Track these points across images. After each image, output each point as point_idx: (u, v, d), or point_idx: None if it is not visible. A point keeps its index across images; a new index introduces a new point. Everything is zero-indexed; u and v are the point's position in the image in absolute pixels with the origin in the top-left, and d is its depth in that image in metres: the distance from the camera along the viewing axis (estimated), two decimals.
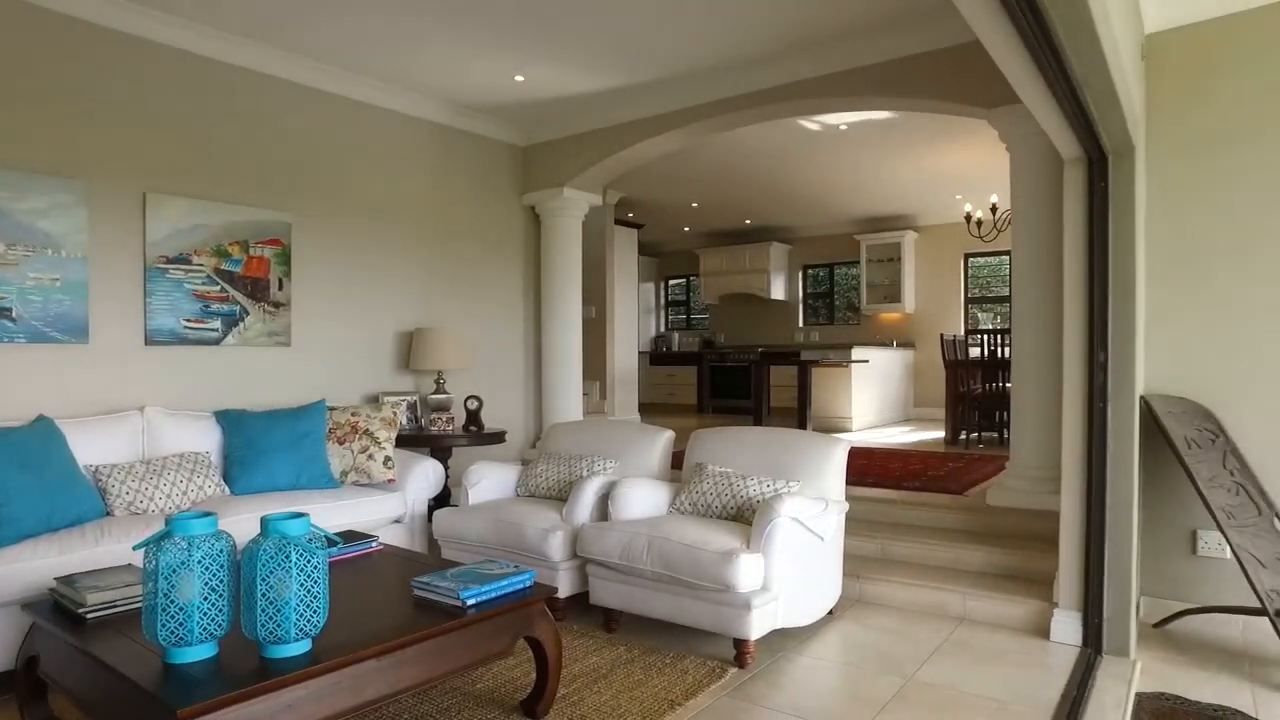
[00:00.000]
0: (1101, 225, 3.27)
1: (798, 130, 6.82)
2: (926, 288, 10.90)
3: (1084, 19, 1.96)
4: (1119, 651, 3.37)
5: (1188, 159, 3.85)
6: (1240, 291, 3.76)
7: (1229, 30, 3.77)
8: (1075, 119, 2.74)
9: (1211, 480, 3.56)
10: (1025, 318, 4.23)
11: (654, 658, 3.30)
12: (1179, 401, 3.79)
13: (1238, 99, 3.76)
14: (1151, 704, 2.98)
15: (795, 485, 3.63)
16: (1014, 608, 3.71)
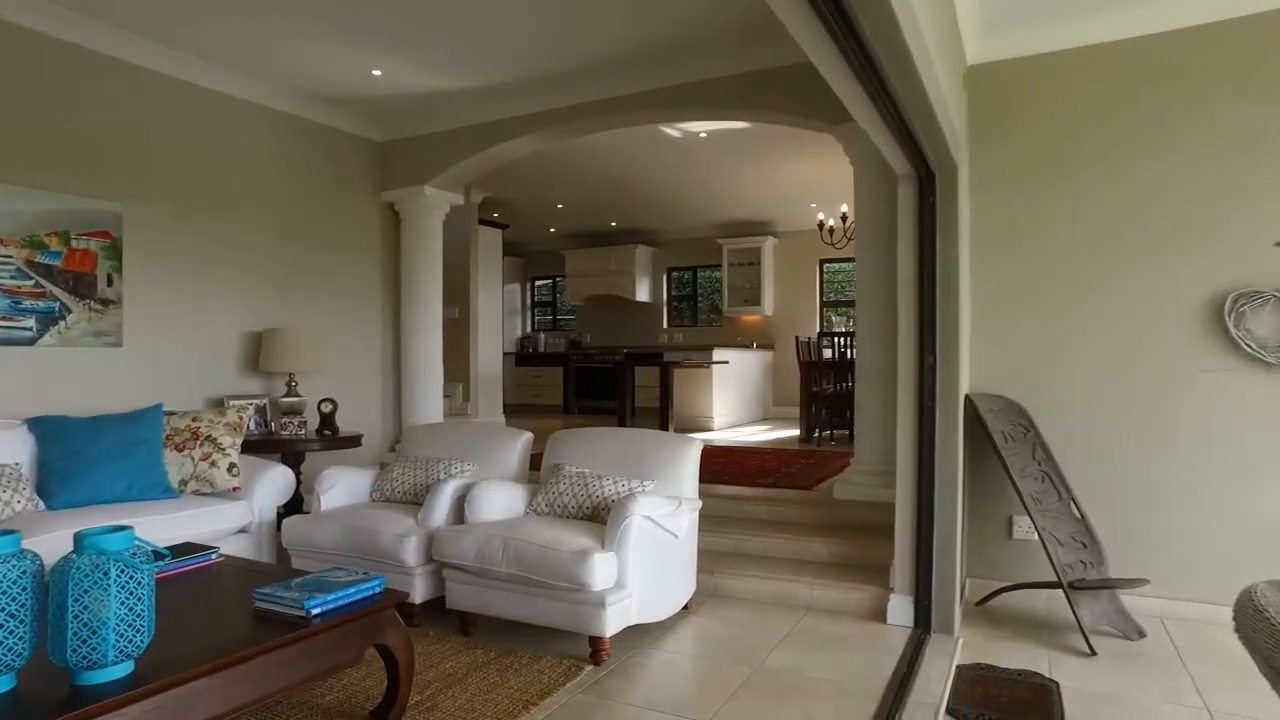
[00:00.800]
0: (930, 238, 3.55)
1: (660, 136, 6.97)
2: (785, 291, 11.39)
3: (902, 51, 2.13)
4: (945, 630, 3.65)
5: (1005, 180, 4.24)
6: (1049, 301, 4.17)
7: (1044, 65, 4.17)
8: (903, 139, 2.97)
9: (1023, 470, 3.93)
10: (867, 322, 4.52)
11: (511, 659, 3.30)
12: (998, 399, 4.15)
13: (1050, 127, 4.16)
14: (968, 674, 3.26)
15: (650, 484, 3.72)
16: (855, 595, 3.95)
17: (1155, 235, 3.97)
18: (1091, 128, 4.08)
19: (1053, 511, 3.90)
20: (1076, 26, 4.05)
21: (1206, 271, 3.88)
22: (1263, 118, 3.78)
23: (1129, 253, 4.02)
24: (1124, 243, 4.03)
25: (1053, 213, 4.16)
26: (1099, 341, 4.08)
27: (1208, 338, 3.88)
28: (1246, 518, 3.80)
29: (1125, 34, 4.00)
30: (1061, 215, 4.14)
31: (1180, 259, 3.92)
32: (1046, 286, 4.17)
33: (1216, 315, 3.84)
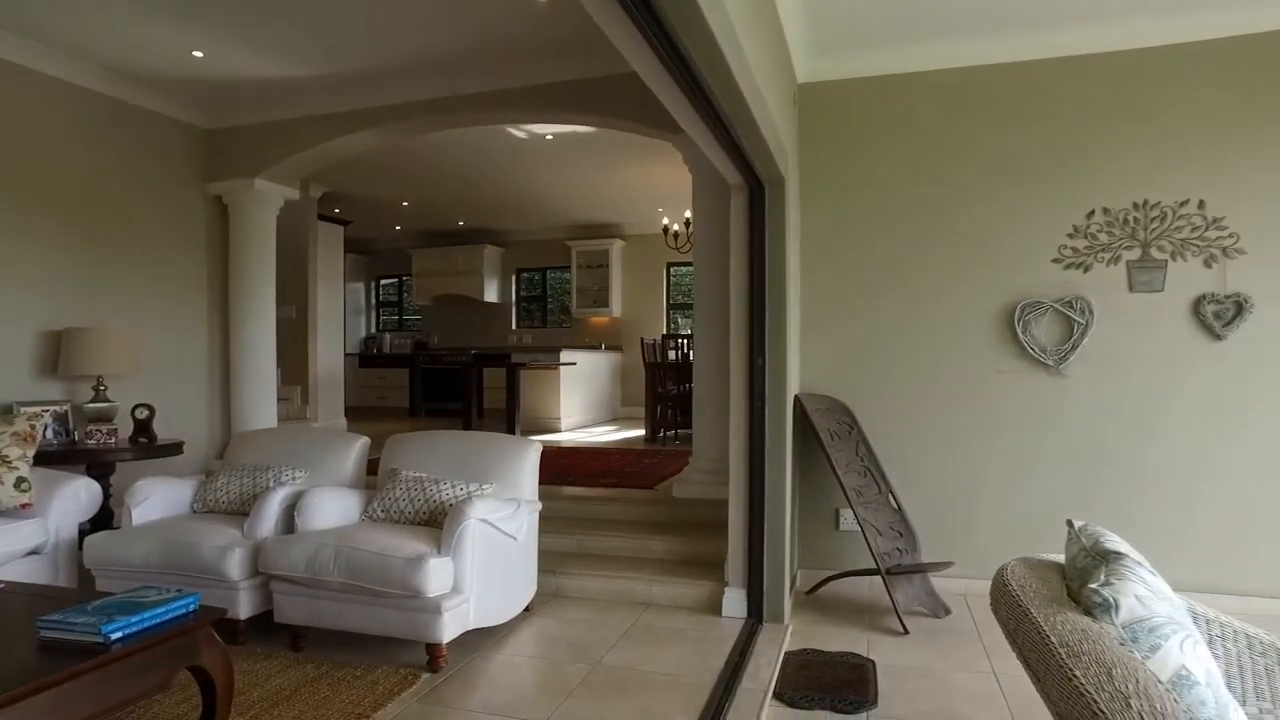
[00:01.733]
0: (759, 246, 3.74)
1: (506, 137, 6.93)
2: (633, 293, 11.59)
3: (724, 71, 2.24)
4: (775, 619, 3.85)
5: (832, 192, 4.53)
6: (869, 308, 4.49)
7: (868, 88, 4.49)
8: (731, 152, 3.11)
9: (847, 465, 4.20)
10: (704, 325, 4.69)
11: (344, 672, 3.19)
12: (825, 399, 4.43)
13: (873, 144, 4.49)
14: (796, 659, 3.46)
15: (488, 488, 3.70)
16: (692, 590, 4.09)
17: (960, 250, 4.36)
18: (908, 147, 4.44)
19: (873, 503, 4.20)
20: (894, 55, 4.38)
21: (1001, 283, 4.30)
22: (1046, 150, 4.24)
23: (938, 265, 4.40)
24: (934, 255, 4.40)
25: (874, 226, 4.48)
26: (912, 345, 4.43)
27: (1003, 343, 4.31)
28: (1034, 501, 4.25)
29: (935, 65, 4.37)
30: (881, 228, 4.47)
31: (981, 271, 4.34)
32: (867, 294, 4.49)
33: (1009, 322, 4.27)
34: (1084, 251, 4.20)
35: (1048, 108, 4.25)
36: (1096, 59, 4.19)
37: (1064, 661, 1.02)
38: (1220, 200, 4.04)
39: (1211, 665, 1.24)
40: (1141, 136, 4.15)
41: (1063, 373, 4.21)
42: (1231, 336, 4.03)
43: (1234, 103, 4.04)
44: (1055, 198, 4.24)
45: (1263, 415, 4.01)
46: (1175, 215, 4.09)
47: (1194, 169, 4.08)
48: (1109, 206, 4.17)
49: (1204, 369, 4.08)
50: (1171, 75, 4.11)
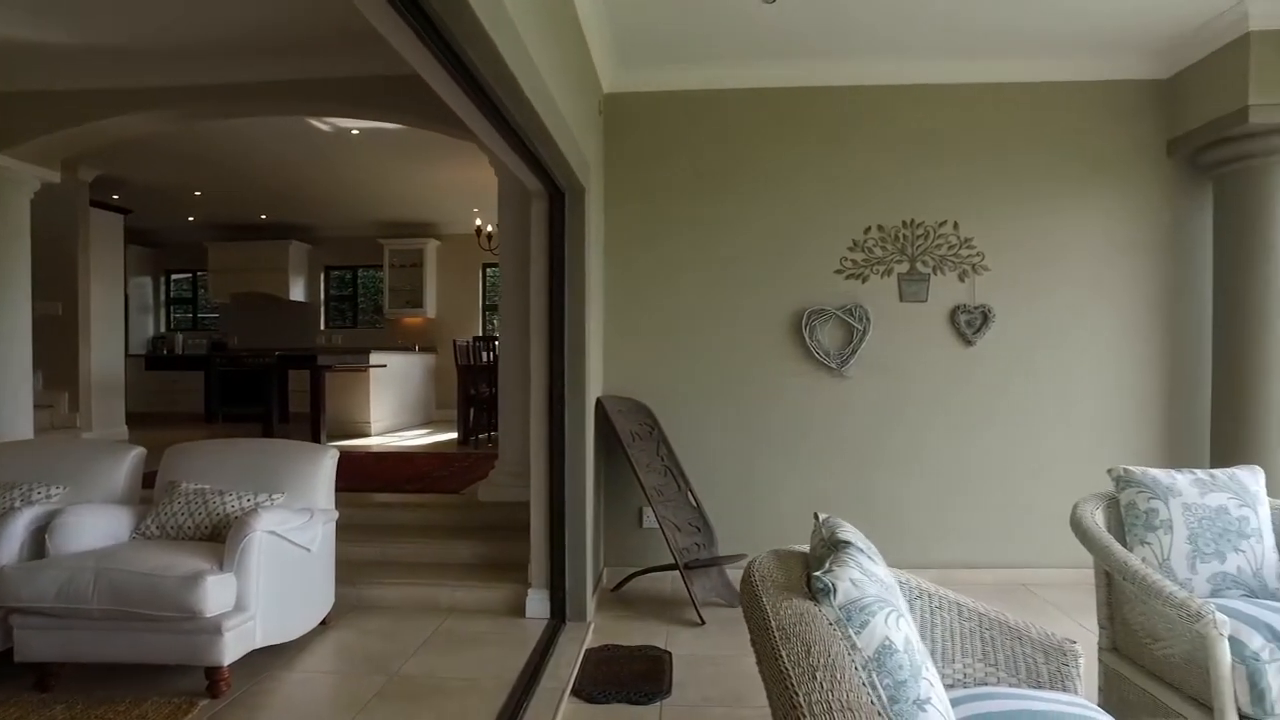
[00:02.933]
0: (559, 252, 3.80)
1: (309, 129, 6.59)
2: (448, 294, 11.36)
3: (512, 85, 2.28)
4: (579, 617, 3.93)
5: (636, 200, 4.68)
6: (670, 312, 4.68)
7: (672, 100, 4.67)
8: (528, 160, 3.15)
9: (648, 465, 4.36)
10: (509, 328, 4.70)
11: (104, 709, 2.92)
12: (626, 401, 4.56)
13: (678, 155, 4.68)
14: (596, 655, 3.55)
15: (279, 498, 3.52)
16: (496, 593, 4.09)
17: (754, 259, 4.65)
18: (709, 159, 4.67)
19: (673, 501, 4.38)
20: (695, 72, 4.59)
21: (790, 291, 4.63)
22: (831, 169, 4.61)
23: (735, 274, 4.66)
24: (731, 265, 4.66)
25: (676, 235, 4.68)
26: (710, 349, 4.67)
27: (792, 347, 4.63)
28: (821, 493, 4.61)
29: (732, 84, 4.63)
30: (683, 237, 4.67)
31: (773, 280, 4.64)
32: (668, 300, 4.68)
33: (797, 328, 4.61)
34: (862, 264, 4.60)
35: (834, 131, 4.62)
36: (877, 90, 4.60)
37: (776, 642, 1.14)
38: (970, 223, 4.57)
39: (911, 634, 1.42)
40: (911, 163, 4.61)
41: (844, 374, 4.59)
42: (980, 342, 4.57)
43: (981, 141, 4.59)
44: (838, 214, 4.62)
45: (1006, 410, 4.58)
46: (936, 234, 4.58)
47: (951, 195, 4.58)
48: (883, 224, 4.60)
49: (959, 370, 4.59)
50: (937, 112, 4.60)
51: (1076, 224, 4.59)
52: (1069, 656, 1.96)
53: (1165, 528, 2.62)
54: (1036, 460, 4.56)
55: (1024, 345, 4.58)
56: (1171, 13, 3.98)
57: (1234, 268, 4.28)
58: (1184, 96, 4.43)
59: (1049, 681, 1.97)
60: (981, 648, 1.99)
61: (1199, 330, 4.53)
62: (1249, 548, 2.59)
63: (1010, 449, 4.59)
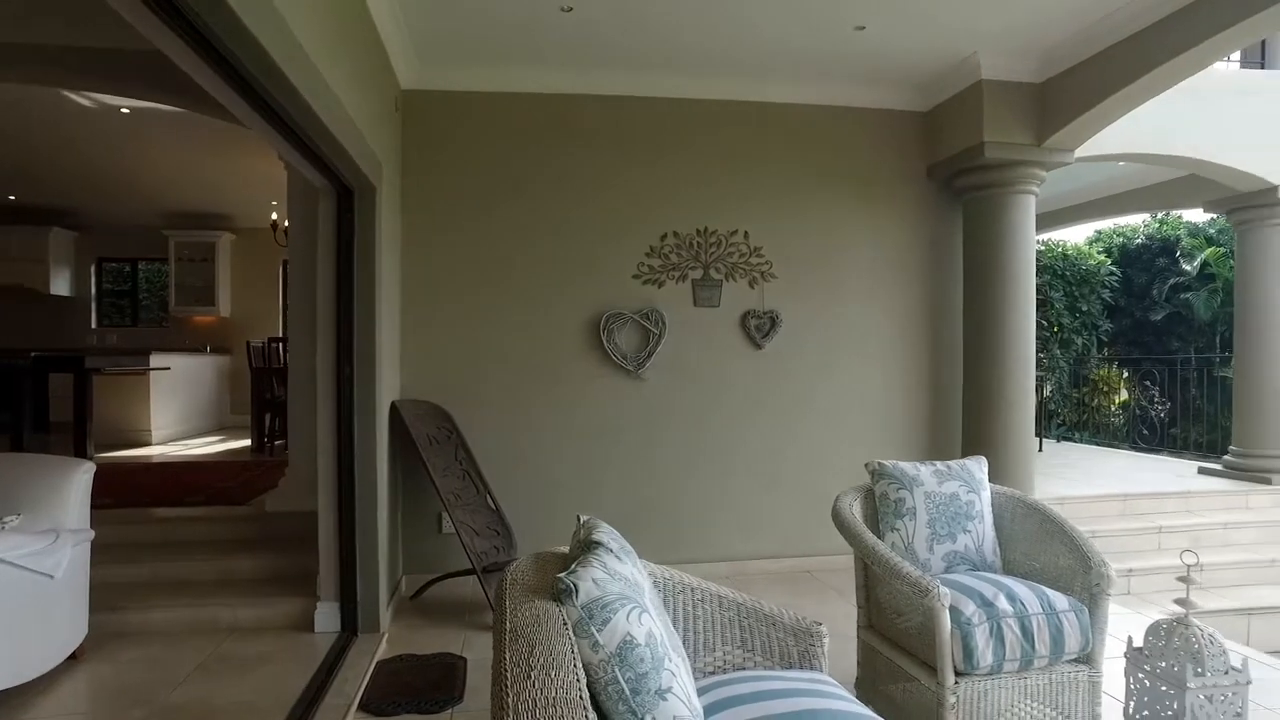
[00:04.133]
0: (348, 253, 3.66)
1: (66, 102, 5.91)
2: (244, 292, 10.58)
3: (280, 78, 2.17)
4: (372, 629, 3.80)
5: (436, 201, 4.59)
6: (471, 315, 4.64)
7: (474, 101, 4.62)
8: (309, 156, 3.02)
9: (445, 470, 4.30)
10: (298, 330, 4.48)
11: None
12: (423, 405, 4.47)
13: (479, 155, 4.63)
14: (388, 666, 3.46)
15: (13, 520, 3.15)
16: (282, 608, 3.87)
17: (554, 263, 4.70)
18: (510, 162, 4.67)
19: (471, 505, 4.34)
20: (497, 74, 4.58)
21: (589, 295, 4.72)
22: (631, 177, 4.75)
23: (535, 277, 4.69)
24: (531, 268, 4.68)
25: (477, 236, 4.64)
26: (511, 352, 4.67)
27: (591, 350, 4.73)
28: (620, 492, 4.74)
29: (535, 89, 4.65)
30: (484, 239, 4.64)
31: (572, 284, 4.71)
32: (469, 302, 4.64)
33: (595, 331, 4.71)
34: (659, 269, 4.77)
35: (632, 140, 4.76)
36: (675, 103, 4.79)
37: (505, 643, 1.18)
38: (759, 233, 4.87)
39: (655, 628, 1.51)
40: (706, 173, 4.83)
41: (641, 377, 4.74)
42: (769, 345, 4.88)
43: (770, 156, 4.90)
44: (637, 220, 4.76)
45: (792, 409, 4.93)
46: (728, 243, 4.84)
47: (742, 205, 4.86)
48: (679, 231, 4.80)
49: (749, 372, 4.88)
50: (731, 127, 4.86)
51: (852, 238, 5.01)
52: (815, 637, 2.14)
53: (910, 514, 2.93)
54: (820, 455, 4.93)
55: (809, 349, 4.93)
56: (925, 55, 4.45)
57: (977, 283, 4.85)
58: (939, 128, 4.96)
59: (799, 661, 2.15)
60: (740, 635, 2.14)
61: (955, 337, 5.08)
62: (974, 528, 2.95)
63: (796, 445, 4.93)
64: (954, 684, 2.47)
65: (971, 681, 2.50)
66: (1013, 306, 4.72)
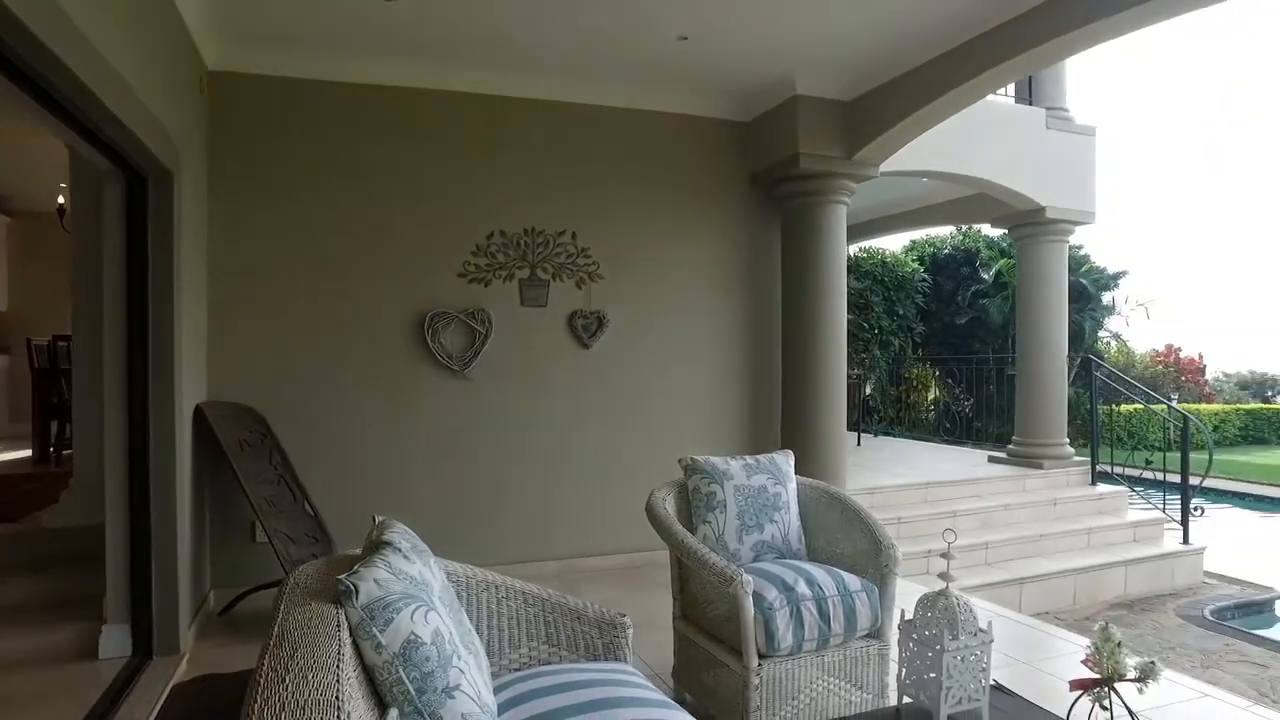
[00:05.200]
0: (141, 243, 3.37)
1: None
2: (25, 284, 9.52)
3: (47, 55, 1.98)
4: (170, 650, 3.51)
5: (251, 190, 4.32)
6: (287, 312, 4.40)
7: (293, 88, 4.39)
8: (88, 137, 2.76)
9: (259, 475, 4.05)
10: (83, 328, 4.09)
11: None
12: (233, 407, 4.20)
13: (291, 146, 4.39)
14: (187, 689, 3.22)
15: None
16: (60, 636, 3.52)
17: (376, 259, 4.54)
18: (330, 153, 4.46)
19: (287, 512, 4.12)
20: (313, 60, 4.37)
21: (414, 293, 4.60)
22: (457, 173, 4.67)
23: (357, 273, 4.51)
24: (353, 263, 4.51)
25: (294, 230, 4.41)
26: (332, 351, 4.47)
27: (415, 349, 4.61)
28: (449, 493, 4.65)
29: (357, 79, 4.48)
30: (301, 232, 4.42)
31: (395, 281, 4.57)
32: (285, 299, 4.40)
33: (420, 330, 4.59)
34: (485, 268, 4.72)
35: (460, 136, 4.68)
36: (504, 100, 4.76)
37: (270, 648, 1.13)
38: (587, 234, 4.92)
39: (443, 626, 1.50)
40: (535, 173, 4.83)
41: (467, 376, 4.68)
42: (596, 346, 4.94)
43: (599, 158, 4.98)
44: (462, 217, 4.69)
45: (620, 407, 5.02)
46: (555, 243, 4.86)
47: (570, 206, 4.90)
48: (505, 230, 4.77)
49: (577, 372, 4.92)
50: (560, 127, 4.89)
51: (679, 240, 5.17)
52: (619, 629, 2.20)
53: (721, 507, 3.05)
54: (648, 452, 5.04)
55: (636, 348, 5.04)
56: (746, 69, 4.67)
57: (795, 286, 5.14)
58: (759, 138, 5.21)
59: (604, 654, 2.19)
60: (545, 630, 2.16)
61: (776, 337, 5.34)
62: (780, 518, 3.12)
63: (624, 443, 5.02)
64: (757, 666, 2.61)
65: (774, 662, 2.65)
66: (826, 308, 5.03)
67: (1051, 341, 6.79)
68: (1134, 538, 6.24)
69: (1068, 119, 6.73)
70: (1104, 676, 1.74)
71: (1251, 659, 4.59)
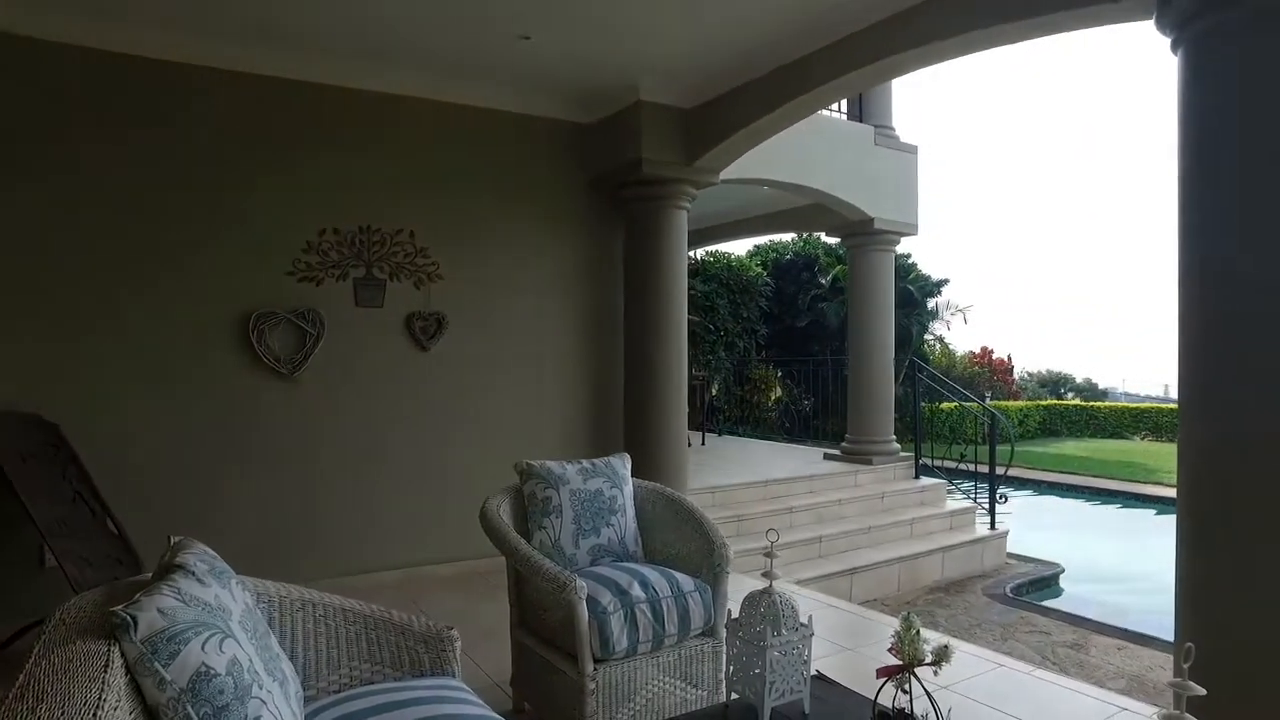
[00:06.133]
0: None
1: None
2: None
3: None
4: None
5: (31, 174, 3.88)
6: (87, 311, 3.99)
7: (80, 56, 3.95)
8: None
9: (50, 492, 3.65)
10: None
11: None
12: (19, 418, 3.76)
13: (86, 122, 3.97)
14: None
15: None
16: None
17: (199, 253, 4.20)
18: (132, 131, 4.06)
19: (84, 532, 3.73)
20: (113, 31, 3.96)
21: (236, 291, 4.30)
22: (287, 165, 4.40)
23: (174, 266, 4.15)
24: (170, 256, 4.14)
25: (91, 221, 3.99)
26: (145, 353, 4.10)
27: (239, 352, 4.31)
28: (284, 505, 4.37)
29: (170, 55, 4.10)
30: (105, 222, 4.01)
31: (219, 276, 4.25)
32: (90, 296, 3.98)
33: (244, 331, 4.29)
34: (317, 266, 4.48)
35: (288, 127, 4.42)
36: (338, 91, 4.53)
37: (8, 704, 1.01)
38: (426, 233, 4.78)
39: (240, 654, 1.39)
40: (371, 169, 4.64)
41: (297, 380, 4.42)
42: (435, 348, 4.80)
43: (440, 156, 4.83)
44: (292, 212, 4.42)
45: (461, 411, 4.90)
46: (393, 242, 4.68)
47: (409, 205, 4.73)
48: (339, 227, 4.54)
49: (416, 375, 4.76)
50: (399, 122, 4.71)
51: (521, 241, 5.11)
52: (446, 643, 2.13)
53: (557, 512, 3.03)
54: (490, 456, 4.93)
55: (477, 351, 4.94)
56: (590, 73, 4.68)
57: (636, 288, 5.20)
58: (602, 141, 5.24)
59: (431, 669, 2.12)
60: (368, 648, 2.06)
61: (619, 339, 5.38)
62: (617, 521, 3.14)
63: (465, 447, 4.90)
64: (593, 670, 2.60)
65: (610, 666, 2.65)
66: (667, 311, 5.13)
67: (880, 344, 7.23)
68: (950, 526, 6.75)
69: (894, 137, 7.20)
70: (905, 663, 1.86)
71: (1040, 628, 5.07)
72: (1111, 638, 4.90)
